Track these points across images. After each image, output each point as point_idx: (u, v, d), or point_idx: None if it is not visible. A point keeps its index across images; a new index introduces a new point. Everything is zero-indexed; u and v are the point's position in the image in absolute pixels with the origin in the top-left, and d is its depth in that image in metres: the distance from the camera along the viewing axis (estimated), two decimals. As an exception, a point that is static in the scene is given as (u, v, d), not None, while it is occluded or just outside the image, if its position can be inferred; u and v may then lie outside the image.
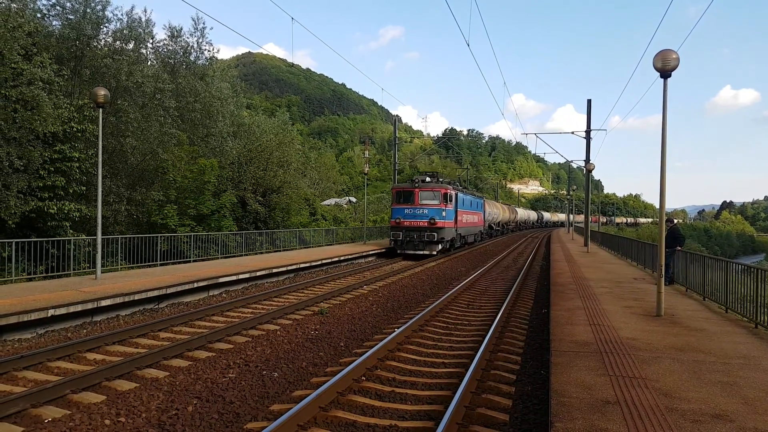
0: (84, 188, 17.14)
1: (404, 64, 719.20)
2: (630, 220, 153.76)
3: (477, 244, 36.78)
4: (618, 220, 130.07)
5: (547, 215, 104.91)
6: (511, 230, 65.16)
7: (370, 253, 25.10)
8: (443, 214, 24.91)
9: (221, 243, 20.44)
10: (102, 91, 12.63)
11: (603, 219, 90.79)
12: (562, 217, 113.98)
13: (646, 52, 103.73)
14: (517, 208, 74.55)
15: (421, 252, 24.74)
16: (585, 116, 31.07)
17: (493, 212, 46.55)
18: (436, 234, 24.41)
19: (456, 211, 27.41)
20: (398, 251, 25.18)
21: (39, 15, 18.98)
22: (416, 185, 25.64)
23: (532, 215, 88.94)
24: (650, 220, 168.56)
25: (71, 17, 19.61)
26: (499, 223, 51.66)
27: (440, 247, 25.06)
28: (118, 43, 20.98)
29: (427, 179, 26.16)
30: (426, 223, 24.60)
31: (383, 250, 26.36)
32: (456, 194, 27.37)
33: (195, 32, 25.63)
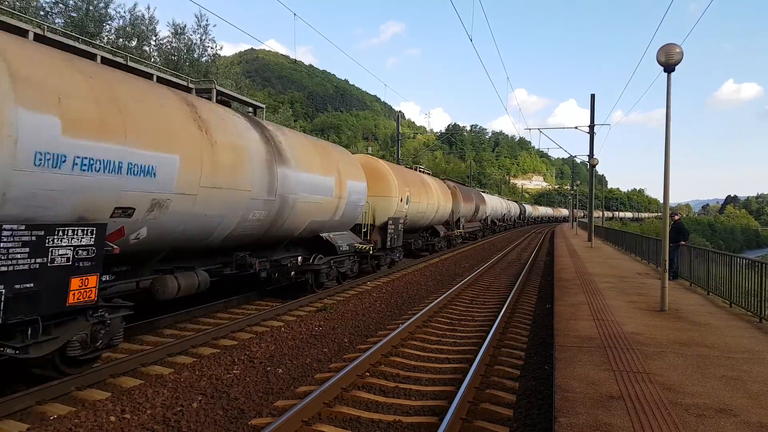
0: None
1: (406, 60, 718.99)
2: (608, 214, 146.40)
3: None
4: (596, 214, 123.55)
5: (529, 209, 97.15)
6: (462, 238, 32.27)
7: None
8: None
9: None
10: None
11: (580, 213, 78.22)
12: (542, 210, 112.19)
13: (649, 47, 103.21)
14: (485, 196, 43.92)
15: None
16: (587, 111, 31.06)
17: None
18: None
19: None
20: None
21: (42, 12, 19.00)
22: None
23: (513, 208, 63.90)
24: (629, 215, 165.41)
25: (74, 15, 19.62)
26: (395, 218, 18.65)
27: None
28: (121, 40, 21.00)
29: None
30: None
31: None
32: None
33: (198, 29, 25.65)
